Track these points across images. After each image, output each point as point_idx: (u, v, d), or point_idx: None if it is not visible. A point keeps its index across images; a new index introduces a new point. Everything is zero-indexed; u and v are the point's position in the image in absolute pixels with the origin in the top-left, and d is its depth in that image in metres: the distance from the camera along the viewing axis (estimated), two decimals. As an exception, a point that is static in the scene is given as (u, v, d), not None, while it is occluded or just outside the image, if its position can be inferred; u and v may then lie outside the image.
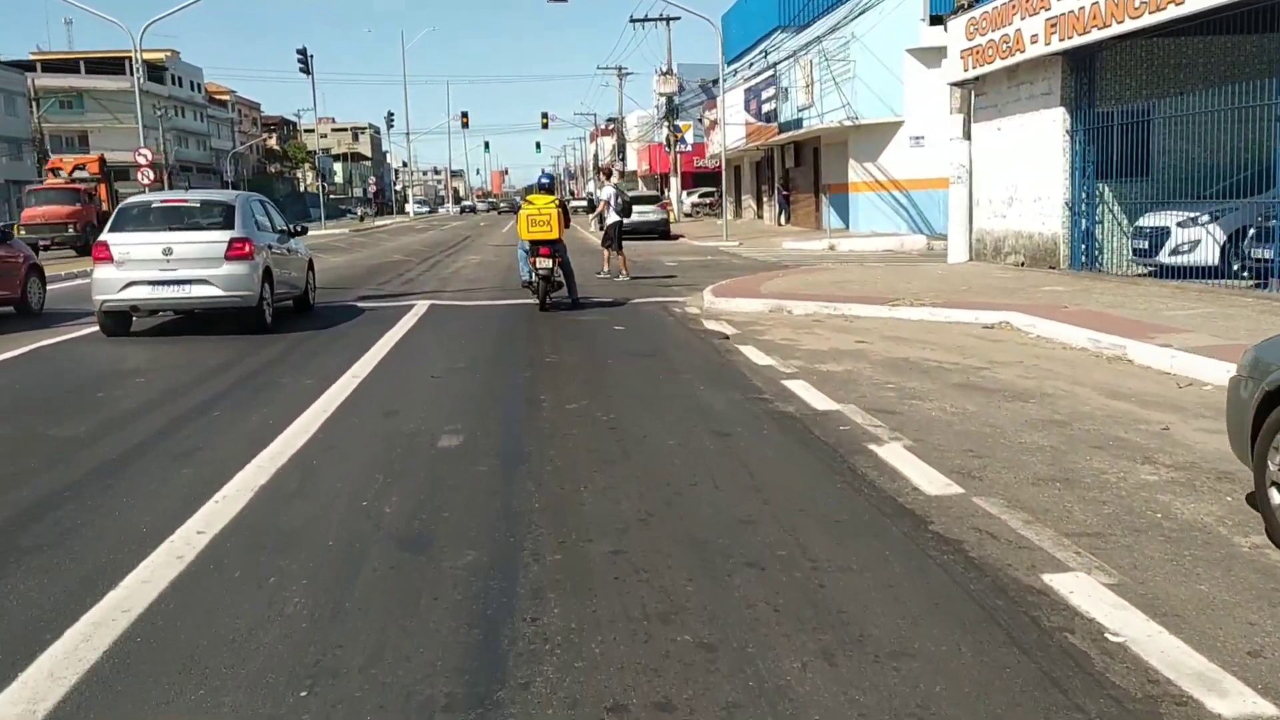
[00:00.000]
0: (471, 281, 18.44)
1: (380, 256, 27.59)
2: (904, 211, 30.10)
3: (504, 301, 14.47)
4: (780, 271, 17.35)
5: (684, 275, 18.77)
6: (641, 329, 11.40)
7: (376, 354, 9.56)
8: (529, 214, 12.95)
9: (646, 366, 8.75)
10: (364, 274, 20.98)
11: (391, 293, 16.27)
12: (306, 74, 45.45)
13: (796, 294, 13.16)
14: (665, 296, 14.87)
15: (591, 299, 14.44)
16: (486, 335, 11.20)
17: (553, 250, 12.99)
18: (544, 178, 14.07)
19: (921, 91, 29.16)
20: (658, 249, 28.65)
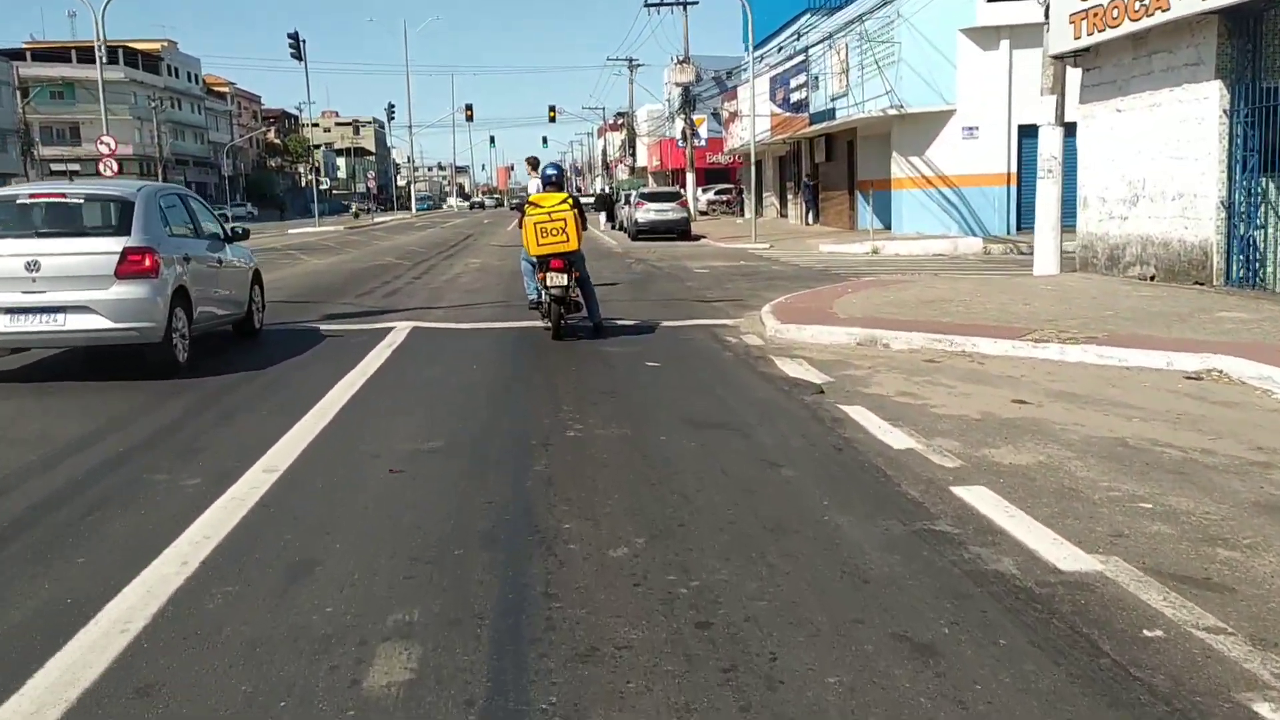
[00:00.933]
0: (468, 293, 15.41)
1: (369, 258, 24.57)
2: (954, 210, 27.02)
3: (506, 324, 11.45)
4: (847, 285, 14.25)
5: (721, 286, 15.73)
6: (693, 370, 8.36)
7: (316, 420, 6.54)
8: (538, 220, 9.90)
9: (720, 450, 5.71)
10: (344, 281, 17.94)
11: (369, 309, 13.24)
12: (298, 60, 42.47)
13: (886, 318, 10.12)
14: (709, 317, 11.83)
15: (614, 320, 11.43)
16: (481, 383, 8.15)
17: (568, 263, 10.02)
18: (550, 169, 10.89)
19: (976, 77, 26.09)
20: (680, 251, 25.63)
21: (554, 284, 9.95)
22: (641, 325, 11.26)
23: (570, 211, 9.94)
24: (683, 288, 15.76)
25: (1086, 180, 14.31)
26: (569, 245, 9.92)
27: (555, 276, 9.95)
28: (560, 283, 9.95)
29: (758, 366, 8.43)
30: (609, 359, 8.99)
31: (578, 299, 10.22)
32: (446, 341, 10.25)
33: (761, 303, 13.17)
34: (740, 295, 14.33)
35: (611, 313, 11.88)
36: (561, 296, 9.96)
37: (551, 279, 9.95)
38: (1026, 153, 26.29)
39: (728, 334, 10.45)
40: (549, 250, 9.90)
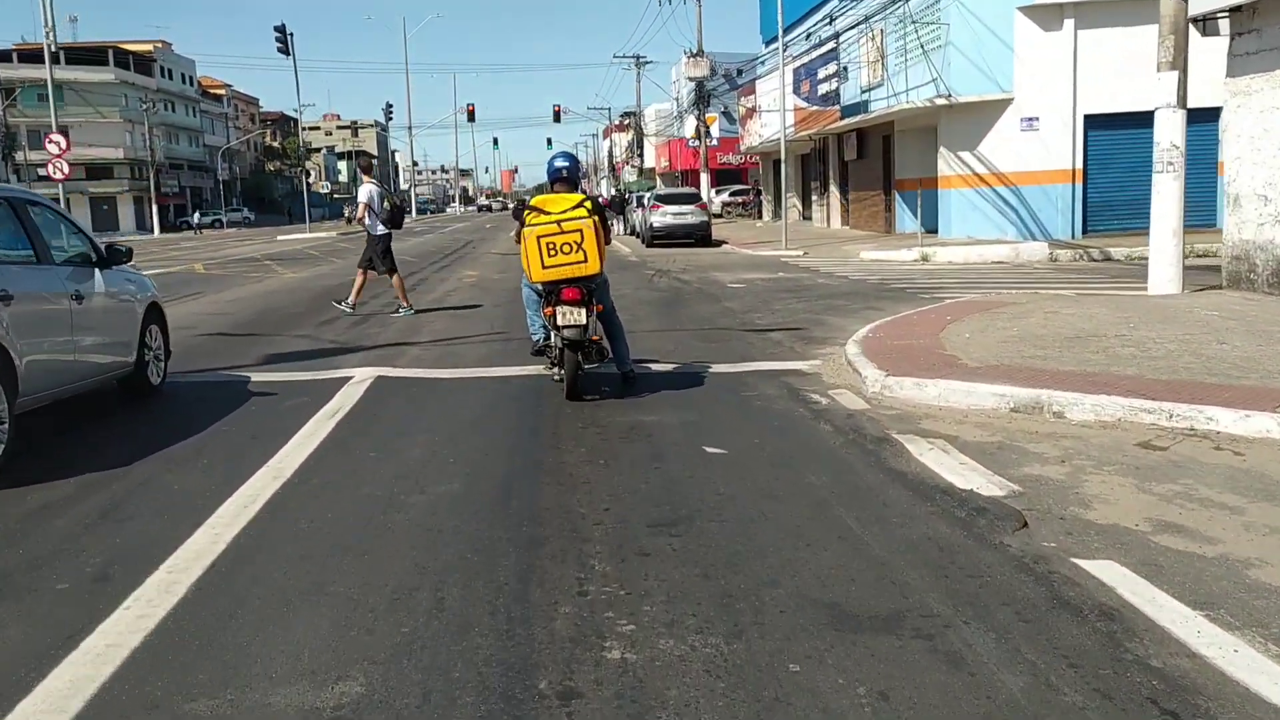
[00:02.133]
0: (458, 319, 12.47)
1: (347, 272, 21.46)
2: (1010, 212, 24.05)
3: (504, 370, 8.51)
4: (945, 312, 11.23)
5: (768, 307, 12.79)
6: (785, 466, 5.41)
7: (140, 617, 3.61)
8: (544, 233, 6.99)
9: (926, 705, 2.78)
10: (310, 302, 15.01)
11: (328, 345, 10.32)
12: (286, 54, 39.62)
13: (1036, 367, 7.17)
14: (772, 357, 8.89)
15: (646, 363, 8.53)
16: (456, 491, 5.16)
17: (586, 292, 7.13)
18: (562, 159, 7.70)
19: (1036, 61, 23.13)
20: (704, 260, 22.70)
21: (568, 322, 7.03)
22: (684, 371, 8.34)
23: (589, 220, 7.03)
24: (721, 309, 12.83)
25: (1238, 174, 11.37)
26: (588, 267, 7.02)
27: (569, 312, 7.03)
28: (576, 320, 7.02)
29: (885, 458, 5.48)
30: (651, 439, 6.05)
31: (600, 341, 7.30)
32: (418, 403, 7.30)
33: (830, 332, 10.27)
34: (798, 321, 11.41)
35: (639, 347, 8.98)
36: (578, 340, 7.03)
37: (564, 315, 7.03)
38: (1093, 146, 23.42)
39: (808, 387, 7.51)
40: (560, 275, 7.01)
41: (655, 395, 7.35)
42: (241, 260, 27.54)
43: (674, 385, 7.73)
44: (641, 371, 8.12)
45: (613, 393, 7.47)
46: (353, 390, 7.66)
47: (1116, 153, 23.44)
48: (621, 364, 7.76)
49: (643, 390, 7.51)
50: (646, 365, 8.56)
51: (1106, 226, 23.74)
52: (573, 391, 7.17)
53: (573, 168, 7.71)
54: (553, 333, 7.21)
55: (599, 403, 7.13)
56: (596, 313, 7.23)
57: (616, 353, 7.73)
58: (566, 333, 7.03)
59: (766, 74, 38.66)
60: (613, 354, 7.67)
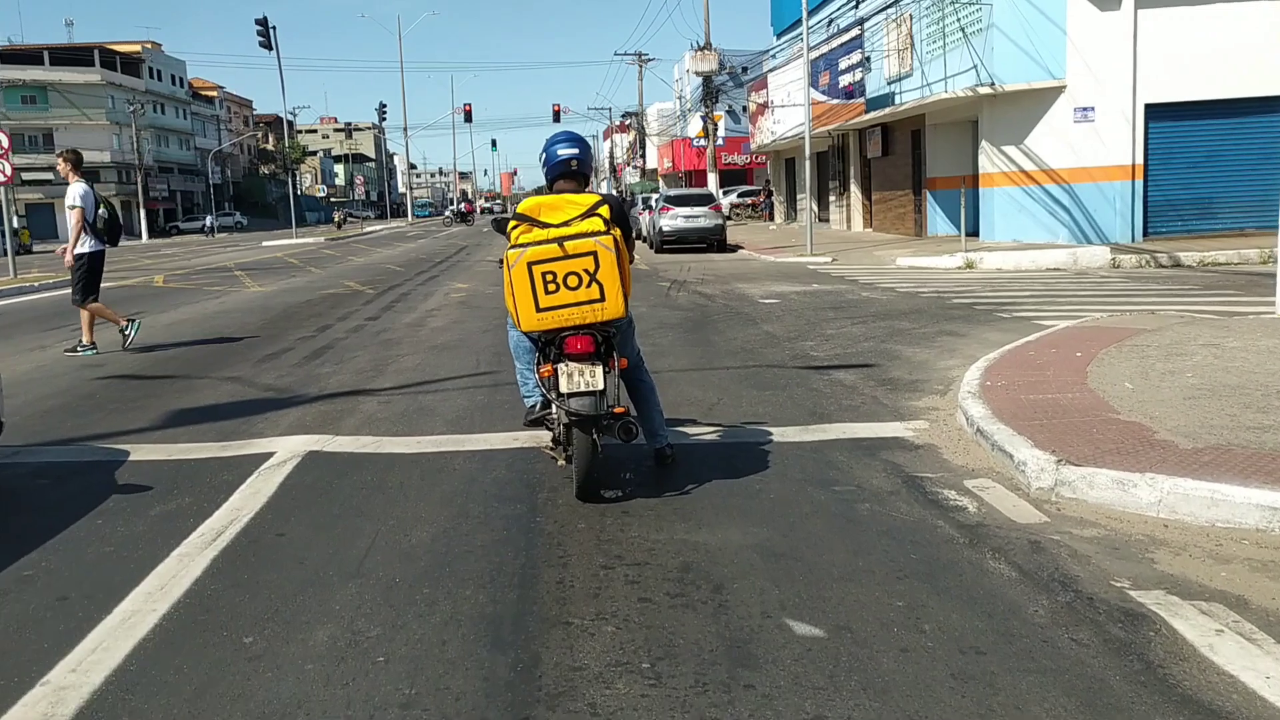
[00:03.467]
0: (435, 350, 10.05)
1: (326, 283, 19.18)
2: (1062, 212, 21.63)
3: (482, 440, 6.07)
4: (1076, 352, 8.70)
5: (818, 332, 10.36)
6: (953, 674, 3.00)
7: None
8: (538, 257, 4.58)
9: None
10: (261, 328, 12.53)
11: (256, 396, 7.89)
12: (268, 49, 37.22)
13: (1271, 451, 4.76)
14: (854, 416, 6.46)
15: (682, 428, 6.15)
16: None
17: (601, 341, 4.77)
18: (566, 143, 5.13)
19: (1091, 45, 20.74)
20: (722, 267, 20.30)
21: (577, 388, 4.63)
22: (738, 440, 5.93)
23: (607, 235, 4.62)
24: (761, 335, 10.41)
25: None
26: (605, 309, 4.64)
27: (579, 373, 4.64)
28: (589, 385, 4.63)
29: (1154, 660, 3.04)
30: (719, 596, 3.63)
31: (626, 415, 4.79)
32: (350, 513, 4.84)
33: (913, 370, 7.91)
34: (864, 353, 8.99)
35: (669, 396, 6.67)
36: (591, 415, 4.62)
37: (571, 378, 4.64)
38: (1155, 139, 21.02)
39: (929, 472, 5.11)
40: (563, 321, 4.63)
41: (706, 490, 4.93)
42: (210, 271, 25.12)
43: (729, 467, 5.32)
44: (678, 440, 5.71)
45: (643, 480, 5.07)
46: (264, 483, 5.23)
47: (1181, 146, 21.05)
48: (654, 437, 5.34)
49: (684, 478, 5.10)
50: (683, 429, 6.16)
51: (1170, 228, 21.34)
52: (587, 490, 4.75)
53: (583, 157, 5.12)
54: (552, 396, 4.79)
55: (626, 506, 4.71)
56: (618, 368, 4.81)
57: (647, 422, 5.32)
58: (575, 404, 4.61)
59: (781, 66, 36.28)
60: (642, 423, 5.26)
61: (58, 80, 73.86)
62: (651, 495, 4.88)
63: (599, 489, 4.83)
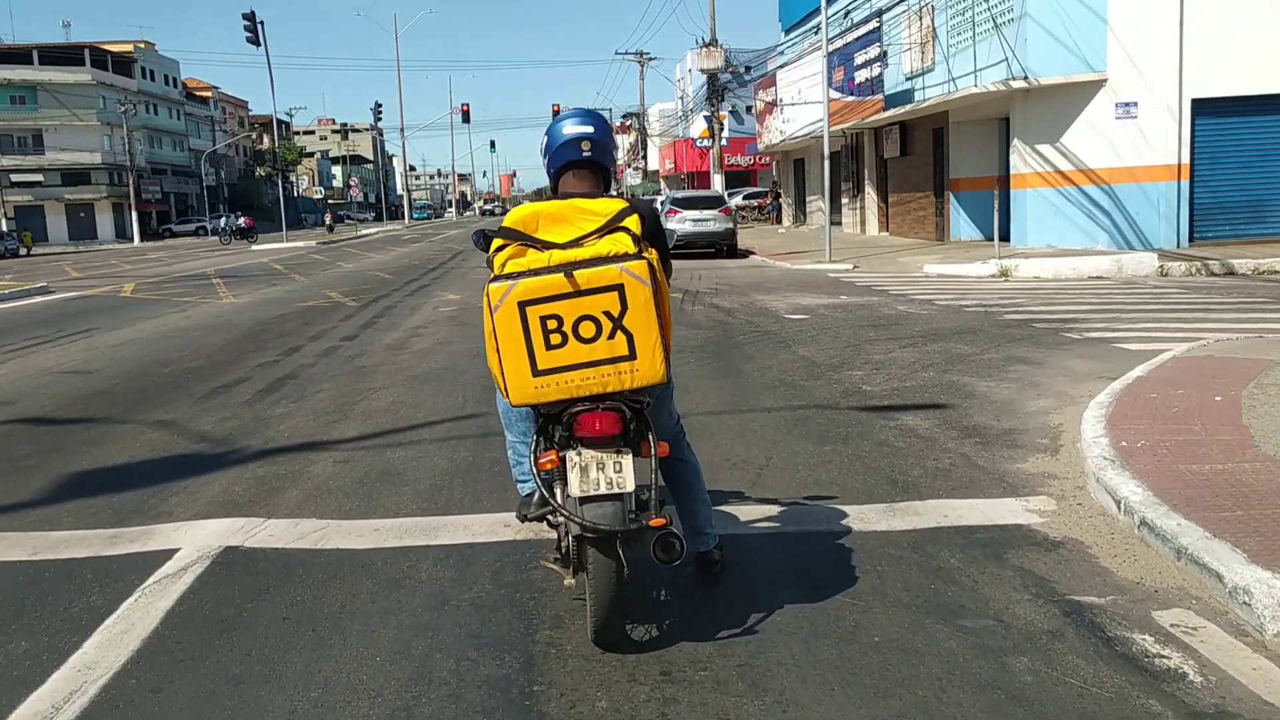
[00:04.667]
0: (415, 381, 8.50)
1: (307, 293, 17.59)
2: (1102, 215, 20.08)
3: (461, 529, 4.52)
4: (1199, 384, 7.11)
5: (863, 356, 8.81)
6: None
7: None
8: (534, 294, 3.03)
9: None
10: (209, 356, 10.89)
11: (181, 451, 6.34)
12: (256, 45, 35.65)
13: None
14: (945, 486, 4.92)
15: (728, 508, 4.62)
16: None
17: (631, 421, 3.19)
18: (578, 119, 3.49)
19: (1135, 34, 19.21)
20: (735, 275, 18.80)
21: (596, 489, 3.08)
22: (802, 529, 4.42)
23: (640, 261, 3.09)
24: (798, 361, 8.86)
25: None
26: (638, 372, 3.12)
27: (598, 466, 3.09)
28: (613, 485, 3.08)
29: None
30: None
31: (668, 528, 3.13)
32: (264, 657, 3.28)
33: (998, 414, 6.40)
34: (926, 386, 7.45)
35: (702, 453, 5.08)
36: (616, 527, 3.06)
37: (588, 473, 3.09)
38: (1202, 137, 19.49)
39: (1091, 594, 3.59)
40: (573, 390, 3.12)
41: (776, 624, 3.41)
42: (186, 279, 23.56)
43: (802, 578, 3.82)
44: (724, 528, 4.20)
45: (685, 602, 3.55)
46: (145, 611, 3.68)
47: (1231, 145, 19.52)
48: (698, 537, 3.80)
49: (741, 599, 3.60)
50: (729, 507, 4.66)
51: (1218, 233, 19.81)
52: (608, 634, 3.23)
53: (600, 138, 3.51)
54: (560, 499, 3.21)
55: (664, 657, 3.18)
56: (655, 456, 3.22)
57: (689, 517, 3.79)
58: (593, 514, 3.09)
59: (792, 63, 34.77)
60: (681, 517, 3.75)
61: (47, 80, 72.35)
62: (700, 636, 3.34)
63: (624, 628, 3.31)
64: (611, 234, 3.12)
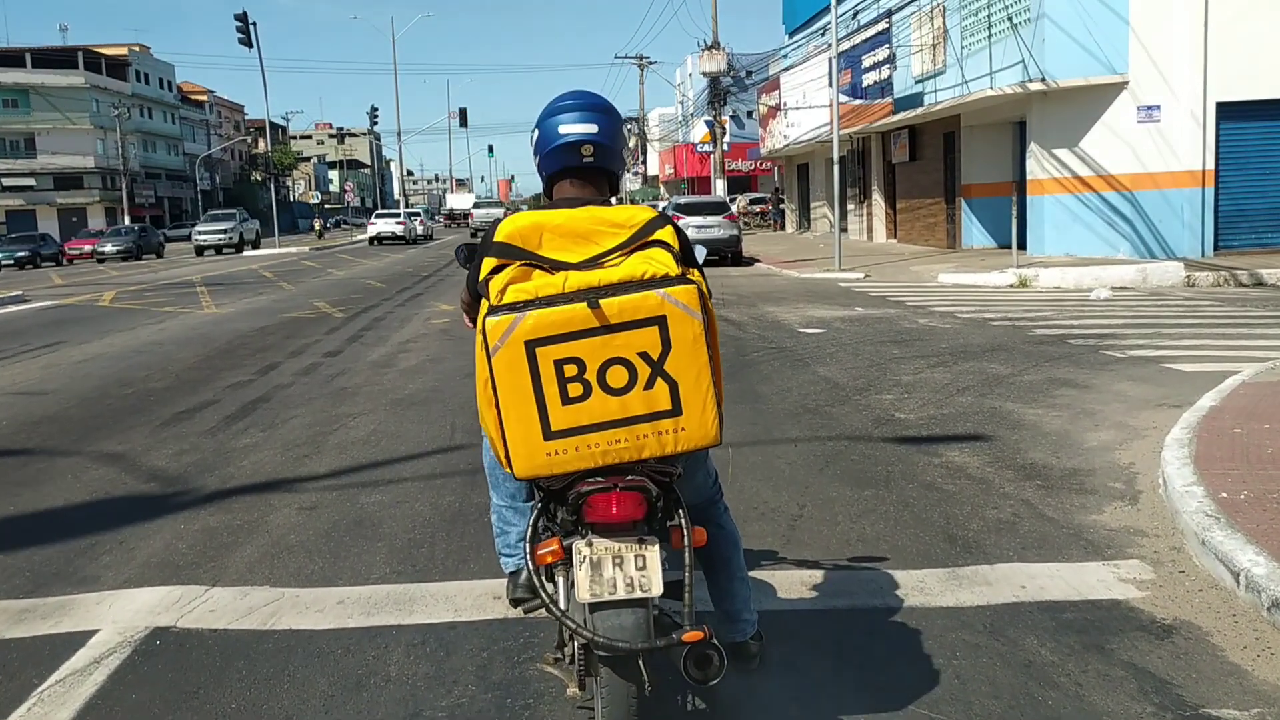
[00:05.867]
0: (396, 417, 7.73)
1: (286, 306, 16.76)
2: (1123, 223, 19.35)
3: (442, 604, 3.72)
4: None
5: (888, 376, 8.02)
6: None
7: None
8: (549, 329, 2.26)
9: None
10: (176, 376, 9.98)
11: (128, 491, 5.57)
12: (249, 47, 34.92)
13: None
14: (1013, 546, 4.14)
15: (764, 565, 3.86)
16: None
17: (658, 500, 2.39)
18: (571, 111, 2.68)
19: (1158, 35, 18.50)
20: (742, 284, 18.06)
21: (613, 594, 2.27)
22: (855, 608, 3.65)
23: (685, 289, 2.33)
24: (819, 383, 8.10)
25: None
26: (686, 432, 2.35)
27: (616, 562, 2.29)
28: (637, 585, 2.28)
29: None
30: None
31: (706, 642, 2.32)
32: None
33: (1055, 449, 5.70)
34: (965, 414, 6.68)
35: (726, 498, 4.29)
36: (638, 645, 2.26)
37: (601, 571, 2.28)
38: (1228, 141, 18.76)
39: (1230, 706, 2.80)
40: (599, 459, 2.32)
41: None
42: (169, 287, 22.78)
43: (857, 677, 3.07)
44: (759, 601, 3.42)
45: (716, 712, 2.80)
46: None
47: (1257, 150, 18.81)
48: (735, 622, 3.04)
49: (774, 681, 2.84)
50: (761, 573, 3.89)
51: (1242, 242, 19.09)
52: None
53: (607, 142, 2.70)
54: (561, 616, 2.39)
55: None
56: (689, 545, 2.44)
57: (724, 599, 3.04)
58: (607, 626, 2.31)
59: (797, 65, 34.07)
60: (714, 598, 3.04)
61: (40, 83, 71.58)
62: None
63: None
64: (644, 250, 2.41)
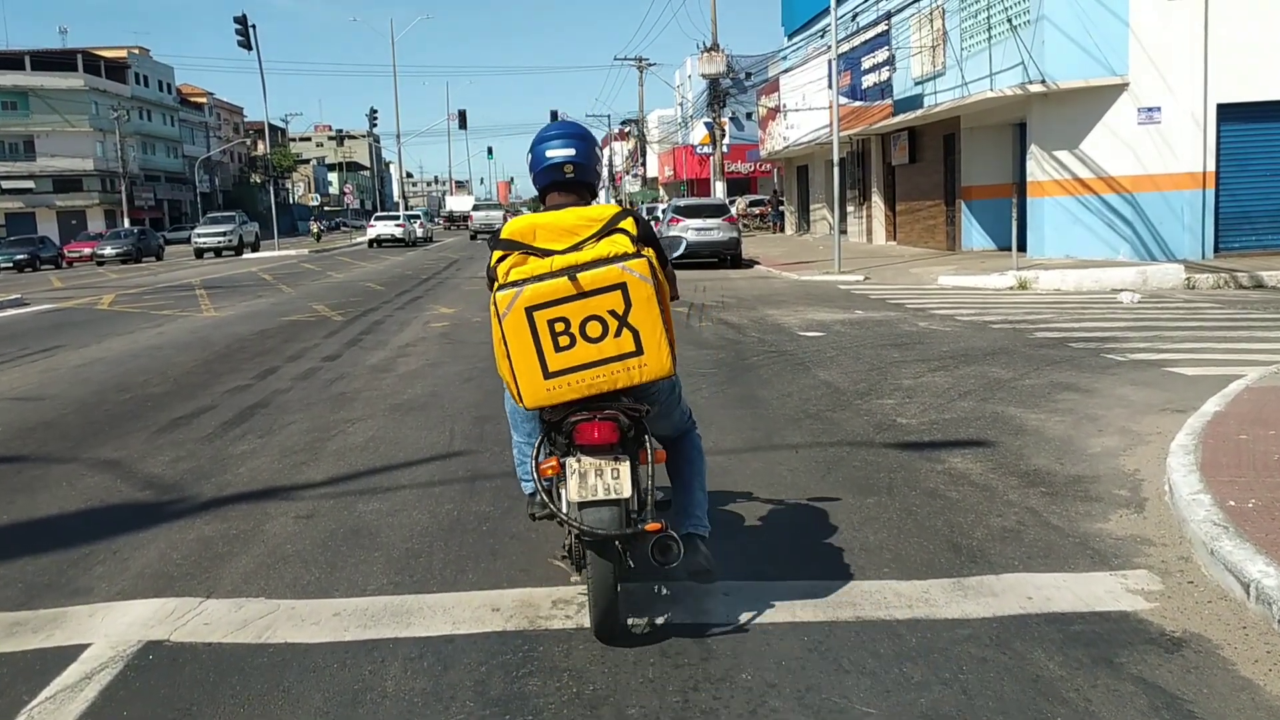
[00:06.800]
0: (395, 423, 7.68)
1: (285, 309, 16.71)
2: (1122, 225, 19.31)
3: (442, 616, 3.68)
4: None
5: (889, 381, 7.98)
6: None
7: None
8: (541, 298, 3.12)
9: None
10: (175, 380, 9.94)
11: (123, 499, 5.52)
12: (248, 49, 34.87)
13: None
14: (1018, 556, 4.09)
15: (765, 581, 3.79)
16: None
17: (628, 426, 3.26)
18: (561, 140, 3.52)
19: (1158, 37, 18.48)
20: (742, 287, 18.02)
21: (593, 496, 3.17)
22: (865, 619, 3.60)
23: (640, 259, 3.20)
24: (821, 388, 8.05)
25: None
26: (645, 367, 3.23)
27: (596, 473, 3.18)
28: (610, 492, 3.17)
29: None
30: None
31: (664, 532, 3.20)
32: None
33: (1060, 457, 5.65)
34: (966, 419, 6.63)
35: (719, 489, 4.30)
36: (613, 532, 3.16)
37: (586, 480, 3.18)
38: (1228, 143, 18.74)
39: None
40: (585, 390, 3.22)
41: None
42: (168, 290, 22.73)
43: (859, 687, 3.00)
44: (759, 614, 3.39)
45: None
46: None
47: (1258, 152, 18.80)
48: (689, 516, 3.60)
49: (781, 698, 2.79)
50: (757, 577, 3.83)
51: (1243, 243, 19.06)
52: (607, 630, 3.34)
53: (583, 160, 3.53)
54: (563, 507, 3.31)
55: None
56: (651, 462, 3.28)
57: (683, 495, 3.70)
58: (591, 519, 3.19)
59: (796, 67, 34.05)
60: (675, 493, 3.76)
61: (39, 86, 71.54)
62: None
63: (622, 623, 3.40)
64: (609, 236, 3.20)
